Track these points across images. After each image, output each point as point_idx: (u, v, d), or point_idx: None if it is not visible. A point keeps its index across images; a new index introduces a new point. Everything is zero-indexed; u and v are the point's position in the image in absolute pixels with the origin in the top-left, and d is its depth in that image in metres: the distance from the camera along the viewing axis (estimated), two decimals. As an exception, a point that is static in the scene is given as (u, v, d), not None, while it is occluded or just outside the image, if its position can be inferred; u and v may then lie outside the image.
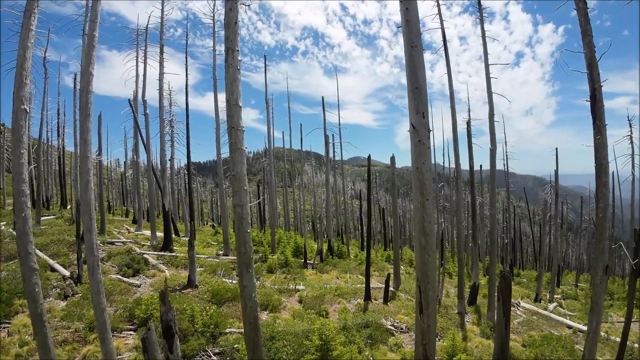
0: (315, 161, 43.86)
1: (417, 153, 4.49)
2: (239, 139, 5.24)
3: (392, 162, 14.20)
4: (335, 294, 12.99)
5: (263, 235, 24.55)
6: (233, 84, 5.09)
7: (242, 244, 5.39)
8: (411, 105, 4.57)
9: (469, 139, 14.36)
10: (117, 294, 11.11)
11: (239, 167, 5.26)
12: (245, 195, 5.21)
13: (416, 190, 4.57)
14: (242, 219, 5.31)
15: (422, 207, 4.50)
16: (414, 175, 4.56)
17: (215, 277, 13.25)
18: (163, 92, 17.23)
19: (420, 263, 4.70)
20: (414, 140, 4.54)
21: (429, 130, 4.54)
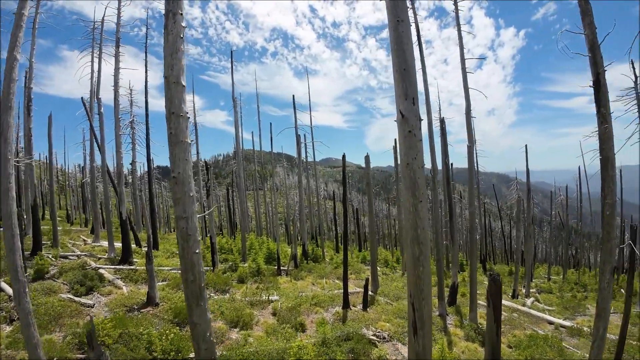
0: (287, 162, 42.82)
1: (407, 146, 3.75)
2: (181, 129, 4.18)
3: (366, 161, 13.56)
4: (311, 302, 12.15)
5: (233, 242, 23.32)
6: (174, 56, 4.10)
7: (189, 269, 4.40)
8: (399, 89, 3.82)
9: (442, 136, 13.97)
10: (67, 316, 9.74)
11: (181, 166, 4.17)
12: (192, 204, 4.18)
13: (407, 191, 3.82)
14: (188, 236, 4.28)
15: (415, 211, 3.76)
16: (403, 173, 3.81)
17: (179, 292, 12.04)
18: (119, 89, 15.73)
19: (414, 277, 3.96)
20: (402, 131, 3.80)
21: (420, 119, 3.81)
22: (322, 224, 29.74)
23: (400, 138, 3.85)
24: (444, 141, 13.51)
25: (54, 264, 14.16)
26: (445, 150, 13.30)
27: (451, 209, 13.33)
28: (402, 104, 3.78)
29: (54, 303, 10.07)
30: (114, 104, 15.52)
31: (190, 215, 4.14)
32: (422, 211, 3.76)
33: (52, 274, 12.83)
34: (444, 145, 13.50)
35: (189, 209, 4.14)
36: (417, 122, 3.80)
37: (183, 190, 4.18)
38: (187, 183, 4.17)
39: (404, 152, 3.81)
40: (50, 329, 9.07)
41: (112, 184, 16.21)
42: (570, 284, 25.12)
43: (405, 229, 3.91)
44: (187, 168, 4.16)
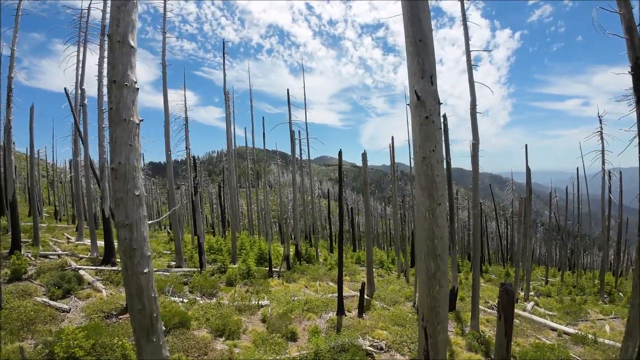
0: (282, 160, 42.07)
1: (424, 136, 3.02)
2: (125, 103, 3.21)
3: (363, 159, 12.85)
4: (304, 308, 11.42)
5: (224, 242, 22.50)
6: (121, 8, 3.19)
7: (134, 295, 3.47)
8: (413, 66, 3.09)
9: (445, 133, 13.29)
10: (41, 322, 8.94)
11: (124, 154, 3.20)
12: (137, 207, 3.25)
13: (422, 192, 3.10)
14: (132, 251, 3.36)
15: (432, 217, 3.03)
16: (418, 169, 3.08)
17: (162, 296, 11.25)
18: (103, 79, 14.84)
19: (428, 297, 3.24)
20: (418, 117, 3.07)
21: (439, 102, 3.07)
22: (316, 222, 29.03)
23: (414, 126, 3.13)
24: (445, 138, 12.84)
25: (32, 263, 13.29)
26: (447, 148, 12.64)
27: (452, 210, 12.67)
28: (418, 83, 3.06)
29: (27, 307, 9.26)
30: (97, 95, 14.63)
31: (135, 222, 3.23)
32: (440, 217, 3.05)
33: (29, 275, 11.97)
34: (445, 142, 12.82)
35: (134, 214, 3.22)
36: (435, 106, 3.08)
37: (125, 187, 3.18)
38: (132, 178, 3.20)
39: (419, 143, 3.08)
40: (22, 336, 8.28)
41: (95, 179, 15.34)
42: (569, 287, 24.66)
43: (419, 239, 3.18)
44: (133, 157, 3.20)
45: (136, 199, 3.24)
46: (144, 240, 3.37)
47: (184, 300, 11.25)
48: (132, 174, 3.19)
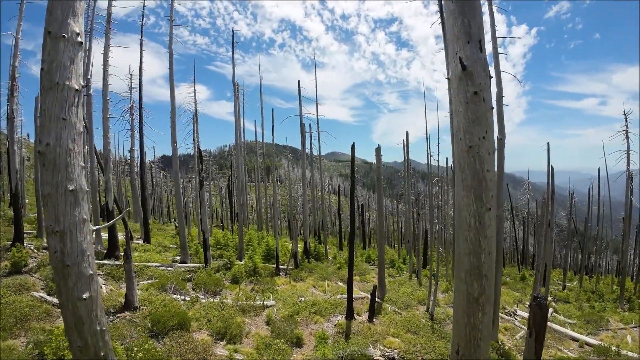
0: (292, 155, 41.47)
1: (472, 118, 2.32)
2: (61, 62, 2.44)
3: (377, 154, 12.10)
4: (311, 310, 10.80)
5: (231, 236, 22.03)
6: None
7: (73, 328, 2.66)
8: (456, 28, 2.38)
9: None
10: (35, 318, 8.49)
11: (53, 132, 2.38)
12: (74, 208, 2.48)
13: (466, 193, 2.40)
14: (66, 269, 2.55)
15: (479, 225, 2.34)
16: (462, 162, 2.39)
17: (163, 293, 10.75)
18: (108, 68, 14.38)
19: (467, 327, 2.55)
20: (463, 93, 2.37)
21: (489, 74, 2.34)
22: (325, 219, 28.39)
23: (457, 106, 2.42)
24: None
25: (34, 256, 12.96)
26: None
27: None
28: (462, 49, 2.35)
29: (22, 302, 8.84)
30: (102, 84, 14.17)
31: (68, 229, 2.43)
32: (489, 226, 2.35)
33: (29, 268, 11.62)
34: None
35: (67, 217, 2.42)
36: (486, 80, 2.37)
37: (54, 179, 2.38)
38: (64, 166, 2.40)
39: (464, 127, 2.38)
40: (15, 333, 7.85)
41: (100, 168, 14.93)
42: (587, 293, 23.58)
43: (460, 253, 2.48)
44: (66, 137, 2.39)
45: (70, 197, 2.45)
46: (82, 253, 2.57)
47: (186, 299, 10.74)
48: (65, 160, 2.39)
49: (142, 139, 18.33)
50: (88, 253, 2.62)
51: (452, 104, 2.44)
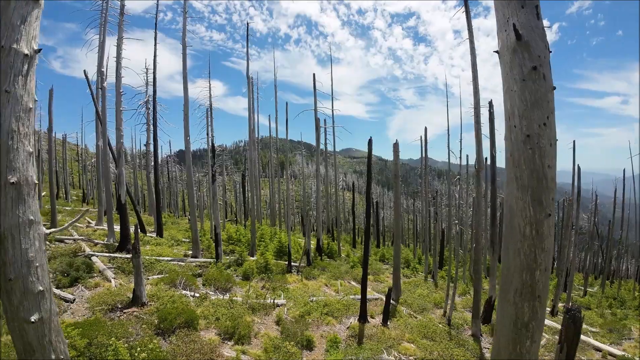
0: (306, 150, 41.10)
1: (530, 100, 1.90)
2: (9, 21, 1.96)
3: (395, 150, 11.56)
4: (323, 311, 10.40)
5: (244, 231, 21.84)
6: None
7: (22, 353, 2.25)
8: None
9: (490, 121, 11.80)
10: (39, 313, 8.34)
11: None
12: (16, 206, 1.98)
13: (521, 194, 1.96)
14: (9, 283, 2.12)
15: (535, 234, 1.92)
16: (516, 155, 1.96)
17: (172, 289, 10.53)
18: (121, 60, 14.20)
19: (512, 355, 2.05)
20: (519, 68, 1.94)
21: (548, 46, 1.85)
22: (339, 215, 27.95)
23: (510, 85, 1.94)
24: (491, 127, 11.35)
25: (46, 248, 12.98)
26: (492, 138, 11.16)
27: (494, 210, 11.24)
28: (516, 14, 1.87)
29: (27, 296, 8.73)
30: (115, 76, 14.01)
31: (9, 232, 1.95)
32: (547, 236, 1.88)
33: (38, 259, 11.60)
34: (491, 132, 11.35)
35: (8, 217, 1.93)
36: (545, 52, 1.89)
37: None
38: (5, 151, 1.88)
39: (519, 112, 1.91)
40: (16, 328, 7.70)
41: (113, 159, 14.85)
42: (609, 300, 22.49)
43: (508, 268, 2.01)
44: (10, 114, 1.87)
45: (11, 191, 1.98)
46: (28, 264, 2.11)
47: (195, 295, 10.50)
48: (6, 143, 1.88)
49: (156, 133, 18.23)
50: (37, 264, 2.19)
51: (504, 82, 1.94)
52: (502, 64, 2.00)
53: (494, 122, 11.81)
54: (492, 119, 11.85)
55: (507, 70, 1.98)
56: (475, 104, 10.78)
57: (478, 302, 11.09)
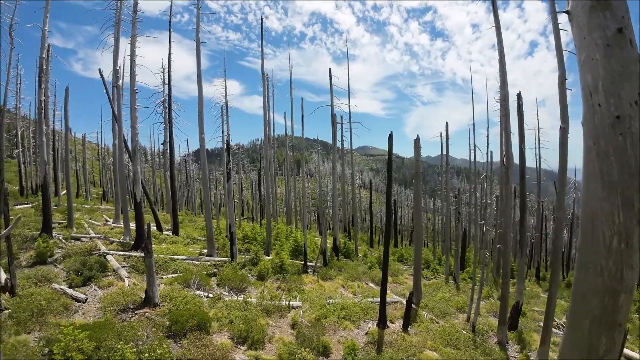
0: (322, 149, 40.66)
1: (617, 69, 1.42)
2: None
3: (416, 146, 11.00)
4: (340, 314, 9.99)
5: (260, 230, 21.63)
6: None
7: None
8: None
9: (519, 115, 11.08)
10: (52, 312, 8.25)
11: None
12: None
13: (608, 192, 1.46)
14: None
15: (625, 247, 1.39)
16: (602, 142, 1.45)
17: (185, 289, 10.33)
18: (135, 58, 14.13)
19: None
20: (600, 31, 1.56)
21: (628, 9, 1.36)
22: (355, 214, 27.46)
23: (592, 49, 1.50)
24: (520, 122, 10.65)
25: (61, 246, 13.03)
26: (521, 132, 10.46)
27: (524, 211, 10.55)
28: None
29: (41, 295, 8.66)
30: (130, 74, 13.94)
31: None
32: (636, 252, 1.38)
33: (55, 259, 11.61)
34: (520, 126, 10.65)
35: None
36: (627, 15, 1.39)
37: None
38: None
39: (604, 85, 1.46)
40: (29, 327, 7.60)
41: (129, 157, 14.83)
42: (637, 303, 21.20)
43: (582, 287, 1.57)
44: None
45: None
46: None
47: (209, 295, 10.26)
48: None
49: (171, 131, 18.19)
50: None
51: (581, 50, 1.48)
52: (575, 28, 1.54)
53: (523, 115, 11.10)
54: (521, 112, 11.13)
55: (583, 34, 1.51)
56: (502, 96, 10.12)
57: (505, 308, 10.45)
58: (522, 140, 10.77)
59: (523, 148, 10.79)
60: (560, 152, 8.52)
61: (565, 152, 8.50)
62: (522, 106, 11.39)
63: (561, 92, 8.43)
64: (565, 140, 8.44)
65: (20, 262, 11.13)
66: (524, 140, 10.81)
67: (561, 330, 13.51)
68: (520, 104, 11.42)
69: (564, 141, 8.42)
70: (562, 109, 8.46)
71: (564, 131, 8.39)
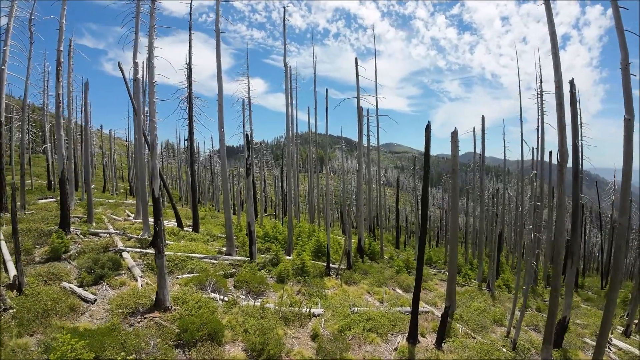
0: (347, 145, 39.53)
1: None
2: None
3: (453, 139, 9.83)
4: (366, 326, 9.03)
5: (281, 228, 20.92)
6: None
7: None
8: None
9: (572, 106, 9.66)
10: (57, 314, 7.75)
11: None
12: None
13: None
14: None
15: None
16: None
17: (200, 291, 9.68)
18: (153, 50, 13.54)
19: None
20: None
21: None
22: (381, 212, 26.32)
23: None
24: (573, 113, 9.29)
25: (78, 241, 12.73)
26: (575, 125, 9.12)
27: (577, 215, 9.22)
28: None
29: (49, 294, 8.20)
30: (148, 65, 13.35)
31: None
32: None
33: (69, 255, 11.27)
34: (573, 118, 9.30)
35: None
36: None
37: None
38: None
39: None
40: (31, 330, 7.12)
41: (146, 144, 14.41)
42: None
43: None
44: None
45: None
46: None
47: (225, 299, 9.57)
48: None
49: (192, 127, 17.73)
50: None
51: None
52: None
53: (577, 105, 9.73)
54: (574, 101, 9.71)
55: None
56: (556, 82, 8.80)
57: (553, 324, 9.18)
58: (577, 134, 9.41)
59: (577, 143, 9.43)
60: (624, 148, 7.20)
61: (631, 149, 7.17)
62: (575, 95, 9.98)
63: (625, 77, 7.13)
64: (630, 134, 7.10)
65: (33, 258, 10.84)
66: (578, 134, 9.45)
67: (612, 349, 12.03)
68: (573, 92, 9.98)
69: (629, 135, 7.09)
70: (627, 97, 7.13)
71: (629, 123, 7.07)
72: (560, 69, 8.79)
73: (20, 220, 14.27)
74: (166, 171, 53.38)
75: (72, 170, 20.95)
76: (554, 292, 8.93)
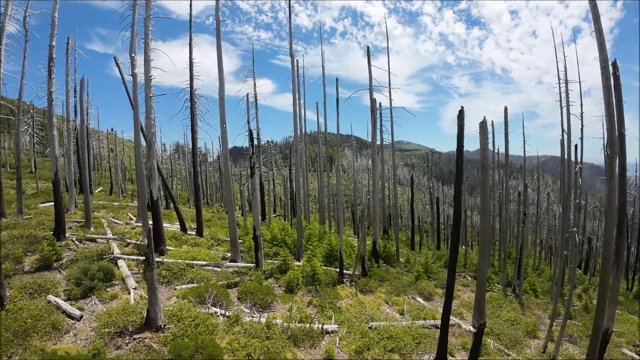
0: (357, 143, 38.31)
1: None
2: None
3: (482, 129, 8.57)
4: (387, 346, 7.90)
5: (291, 230, 19.84)
6: None
7: None
8: None
9: (616, 91, 8.37)
10: (39, 333, 6.84)
11: None
12: None
13: None
14: None
15: None
16: None
17: (199, 305, 8.67)
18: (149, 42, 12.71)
19: None
20: None
21: None
22: (396, 212, 25.07)
23: None
24: (617, 98, 8.00)
25: (72, 248, 11.88)
26: (620, 112, 7.84)
27: (623, 214, 7.96)
28: None
29: (31, 310, 7.31)
30: (144, 59, 12.53)
31: None
32: None
33: (61, 263, 10.40)
34: (617, 105, 8.01)
35: None
36: None
37: None
38: None
39: None
40: (9, 352, 6.21)
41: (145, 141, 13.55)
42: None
43: None
44: None
45: None
46: None
47: (226, 314, 8.55)
48: None
49: (194, 127, 16.80)
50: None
51: None
52: None
53: (621, 90, 8.41)
54: (619, 85, 8.41)
55: None
56: (601, 62, 7.55)
57: (598, 340, 7.90)
58: (622, 122, 8.12)
59: (623, 131, 8.14)
60: None
61: None
62: (619, 78, 8.66)
63: None
64: None
65: (23, 267, 9.99)
66: (623, 122, 8.15)
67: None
68: (617, 75, 8.66)
69: None
70: None
71: None
72: (605, 48, 7.54)
73: (15, 225, 13.50)
74: (175, 173, 52.80)
75: (73, 172, 20.21)
76: (601, 304, 7.67)
